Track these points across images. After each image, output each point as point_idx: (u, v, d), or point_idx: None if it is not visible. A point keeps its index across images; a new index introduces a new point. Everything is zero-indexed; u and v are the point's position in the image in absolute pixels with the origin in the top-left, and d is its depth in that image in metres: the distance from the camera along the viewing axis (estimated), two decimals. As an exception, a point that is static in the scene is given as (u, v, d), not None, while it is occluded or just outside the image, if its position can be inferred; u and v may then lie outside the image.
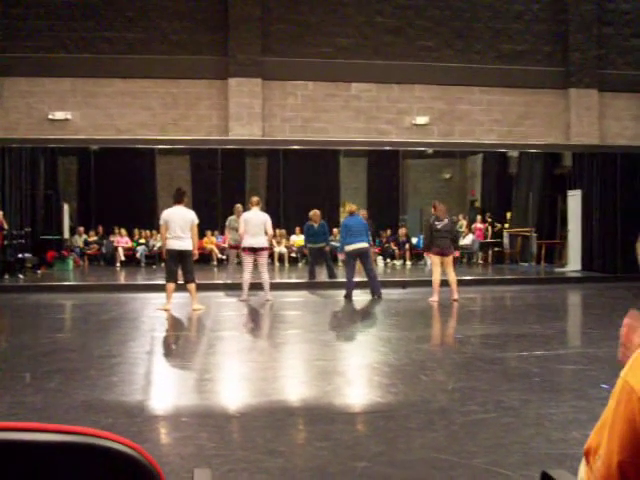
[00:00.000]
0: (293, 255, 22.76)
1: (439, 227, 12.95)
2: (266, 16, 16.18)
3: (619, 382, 1.40)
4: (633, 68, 17.43)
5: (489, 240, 23.19)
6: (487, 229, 23.39)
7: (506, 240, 23.41)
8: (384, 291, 13.96)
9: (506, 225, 23.62)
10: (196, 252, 12.02)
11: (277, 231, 21.93)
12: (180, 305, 12.23)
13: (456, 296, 13.16)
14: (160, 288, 13.15)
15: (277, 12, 16.30)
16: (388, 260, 22.91)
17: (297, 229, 22.42)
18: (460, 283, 13.52)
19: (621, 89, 17.33)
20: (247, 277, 13.28)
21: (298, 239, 22.32)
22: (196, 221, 11.76)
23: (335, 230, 20.41)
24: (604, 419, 1.43)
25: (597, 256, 18.52)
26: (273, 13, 16.27)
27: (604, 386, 6.18)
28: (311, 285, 16.11)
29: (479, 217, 23.76)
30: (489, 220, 23.38)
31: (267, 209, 18.48)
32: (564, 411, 5.53)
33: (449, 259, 13.20)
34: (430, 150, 20.80)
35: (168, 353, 8.79)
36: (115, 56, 15.71)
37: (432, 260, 13.56)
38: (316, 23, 16.37)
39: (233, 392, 6.60)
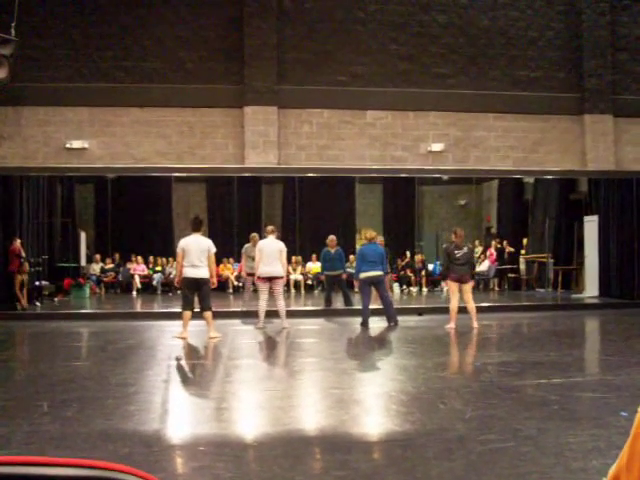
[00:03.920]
0: (309, 282, 22.75)
1: (458, 256, 12.92)
2: (281, 44, 16.28)
3: (637, 416, 1.39)
4: (648, 93, 17.41)
5: (506, 266, 23.05)
6: (498, 250, 23.14)
7: (523, 266, 23.30)
8: (400, 318, 13.92)
9: (522, 251, 23.51)
10: (214, 280, 11.99)
11: (293, 258, 21.94)
12: (197, 333, 12.22)
13: (476, 324, 13.11)
14: (177, 316, 13.15)
15: (292, 40, 16.40)
16: (404, 287, 22.85)
17: (313, 256, 22.41)
18: (477, 310, 13.45)
19: (636, 114, 17.24)
20: (263, 305, 13.29)
21: (314, 266, 22.30)
22: (213, 249, 11.74)
23: (352, 257, 20.39)
24: (624, 451, 1.42)
25: (614, 282, 18.40)
26: (288, 41, 16.37)
27: (623, 414, 6.12)
28: (327, 312, 16.07)
29: (493, 242, 23.67)
30: (498, 246, 23.20)
31: (283, 236, 18.52)
32: (583, 440, 5.48)
33: (467, 287, 13.18)
34: (445, 177, 20.81)
35: (185, 381, 8.78)
36: (132, 85, 15.84)
37: (450, 287, 13.50)
38: (331, 51, 16.45)
39: (250, 421, 6.58)
